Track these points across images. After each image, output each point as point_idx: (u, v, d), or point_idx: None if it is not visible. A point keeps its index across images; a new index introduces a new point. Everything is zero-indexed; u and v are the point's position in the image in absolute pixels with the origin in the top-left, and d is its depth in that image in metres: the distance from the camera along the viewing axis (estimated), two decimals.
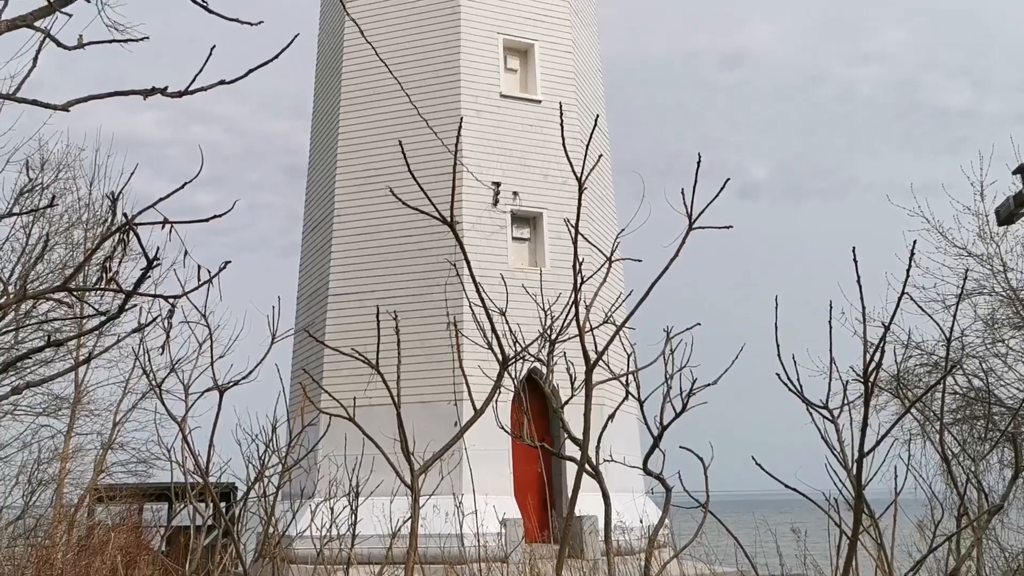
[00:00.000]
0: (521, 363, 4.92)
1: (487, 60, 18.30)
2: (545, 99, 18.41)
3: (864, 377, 3.51)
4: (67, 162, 15.17)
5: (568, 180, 16.89)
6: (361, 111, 18.31)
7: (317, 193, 19.53)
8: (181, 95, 2.54)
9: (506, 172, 17.59)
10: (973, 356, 13.61)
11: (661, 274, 3.99)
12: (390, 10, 18.71)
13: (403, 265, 17.06)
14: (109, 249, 2.42)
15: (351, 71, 18.62)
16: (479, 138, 17.41)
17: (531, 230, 17.90)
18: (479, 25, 18.43)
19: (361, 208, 17.73)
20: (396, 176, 16.15)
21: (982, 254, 13.96)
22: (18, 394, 11.84)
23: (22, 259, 12.58)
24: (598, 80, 21.23)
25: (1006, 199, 7.34)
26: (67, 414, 15.41)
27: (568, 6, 19.51)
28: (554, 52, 18.99)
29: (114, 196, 2.41)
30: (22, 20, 2.42)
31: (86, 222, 15.41)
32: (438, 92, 17.74)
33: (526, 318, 5.22)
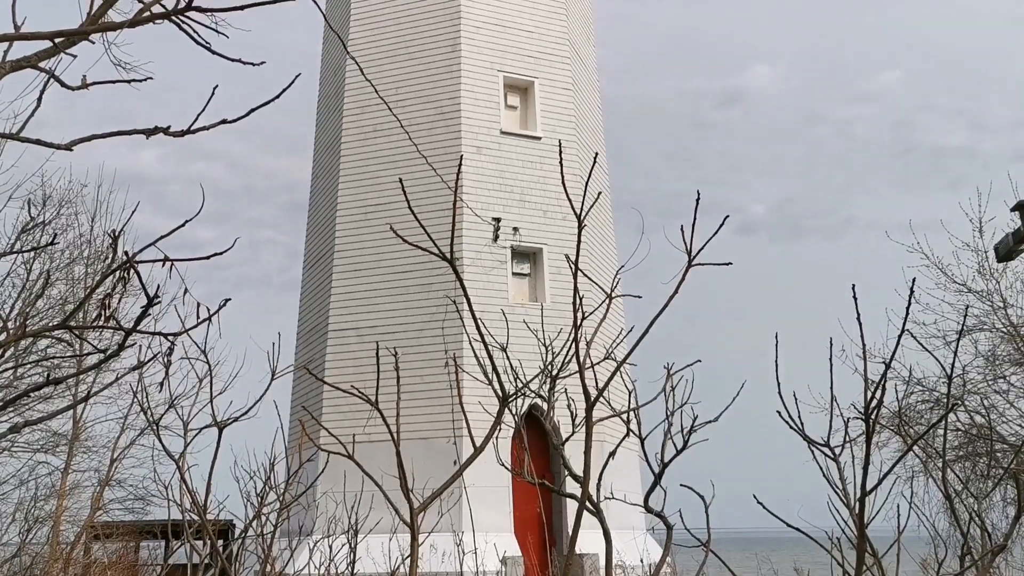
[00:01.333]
0: (522, 399, 4.90)
1: (487, 97, 18.46)
2: (545, 136, 18.54)
3: (865, 415, 3.49)
4: (69, 198, 15.25)
5: (568, 216, 16.96)
6: (362, 148, 18.44)
7: (318, 229, 19.60)
8: (183, 134, 2.56)
9: (506, 208, 17.67)
10: (975, 393, 13.57)
11: (661, 311, 3.98)
12: (391, 48, 18.91)
13: (403, 301, 17.08)
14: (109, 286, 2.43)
15: (352, 108, 18.78)
16: (479, 174, 17.51)
17: (531, 266, 17.94)
18: (479, 62, 18.62)
19: (361, 244, 17.79)
20: (397, 212, 16.24)
21: (982, 290, 13.97)
22: (16, 432, 11.77)
23: (22, 295, 12.59)
24: (597, 118, 21.40)
25: (1005, 236, 7.36)
26: (65, 450, 15.33)
27: (568, 45, 19.71)
28: (554, 90, 19.16)
29: (115, 234, 2.42)
30: (26, 61, 2.44)
31: (87, 258, 15.45)
32: (439, 129, 17.88)
33: (526, 354, 5.21)
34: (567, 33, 19.78)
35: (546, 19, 19.61)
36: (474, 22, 18.84)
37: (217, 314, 2.88)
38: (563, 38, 19.68)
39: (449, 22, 18.82)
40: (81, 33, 2.33)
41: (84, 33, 2.34)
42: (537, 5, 19.61)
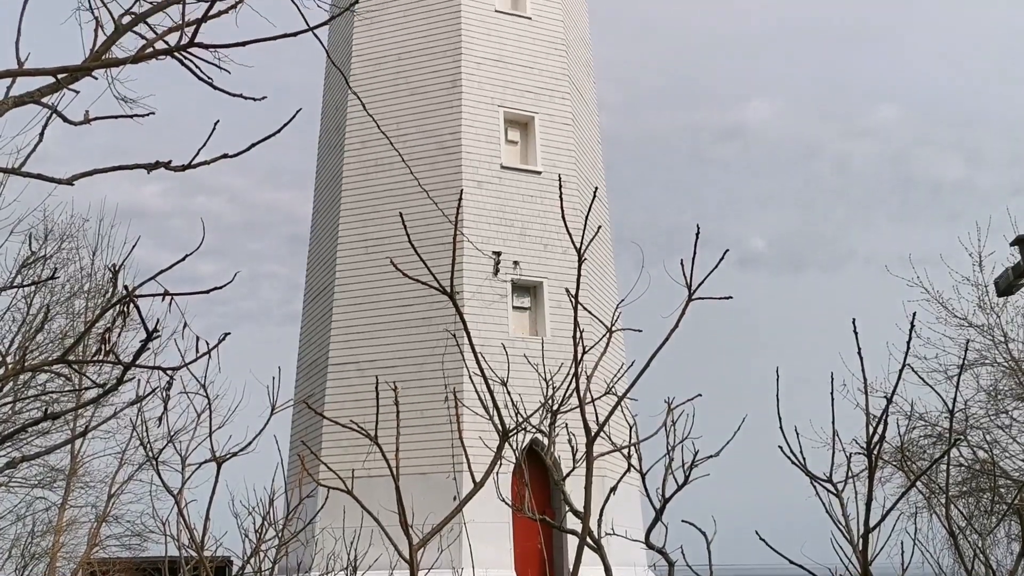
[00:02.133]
0: (522, 434, 4.88)
1: (488, 132, 18.57)
2: (545, 170, 18.63)
3: (868, 450, 3.47)
4: (70, 232, 15.31)
5: (568, 250, 16.98)
6: (363, 182, 18.52)
7: (318, 262, 19.63)
8: (185, 169, 2.57)
9: (507, 242, 17.70)
10: (977, 427, 13.52)
11: (661, 345, 3.97)
12: (392, 83, 19.06)
13: (404, 334, 17.05)
14: (109, 320, 2.43)
15: (353, 143, 18.89)
16: (480, 208, 17.56)
17: (531, 299, 17.94)
18: (480, 98, 18.75)
19: (362, 278, 17.80)
20: (398, 246, 16.26)
21: (983, 324, 13.97)
22: (14, 468, 11.72)
23: (22, 329, 12.57)
24: (597, 152, 21.51)
25: (1005, 270, 7.37)
26: (62, 486, 15.24)
27: (568, 81, 19.86)
28: (554, 125, 19.27)
29: (115, 268, 2.42)
30: (29, 96, 2.45)
31: (87, 292, 15.46)
32: (440, 163, 17.97)
33: (527, 387, 5.19)
34: (567, 69, 19.95)
35: (546, 55, 19.78)
36: (475, 58, 19.01)
37: (216, 348, 2.87)
38: (563, 74, 19.84)
39: (450, 58, 18.99)
40: (84, 69, 2.34)
41: (87, 69, 2.36)
42: (537, 42, 19.79)
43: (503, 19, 19.64)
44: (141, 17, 2.81)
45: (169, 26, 3.14)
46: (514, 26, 19.69)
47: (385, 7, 19.50)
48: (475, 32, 19.22)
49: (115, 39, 2.62)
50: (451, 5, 19.37)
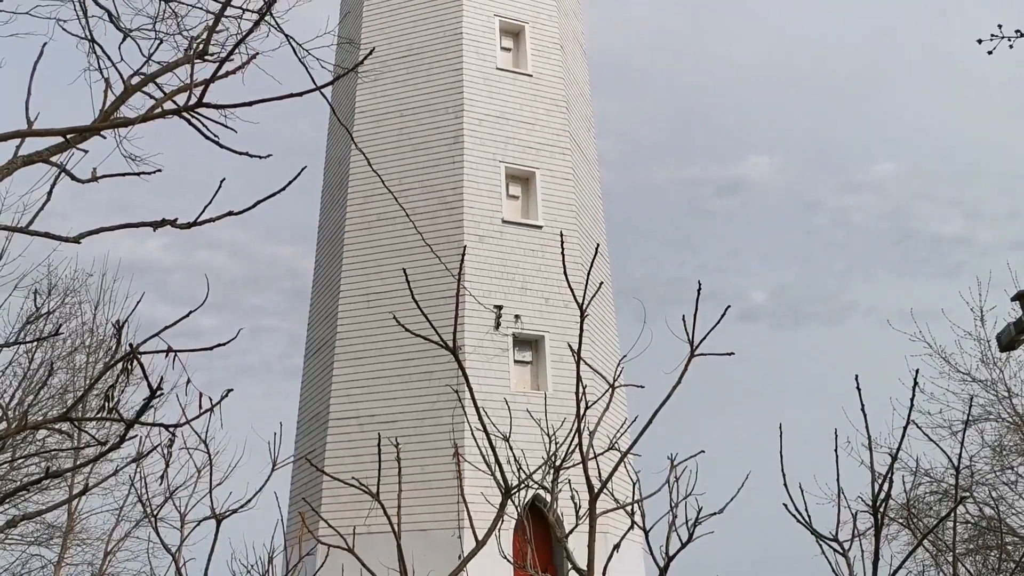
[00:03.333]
0: (525, 490, 4.84)
1: (489, 187, 18.72)
2: (546, 225, 18.74)
3: (873, 508, 3.44)
4: (74, 288, 15.37)
5: (570, 302, 17.01)
6: (365, 236, 18.62)
7: (320, 317, 19.64)
8: (190, 226, 2.59)
9: (508, 296, 17.74)
10: (983, 484, 13.39)
11: (664, 402, 3.96)
12: (395, 139, 19.27)
13: (405, 389, 16.99)
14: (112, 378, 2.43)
15: (356, 198, 19.03)
16: (481, 262, 17.64)
17: (533, 353, 17.91)
18: (482, 154, 18.94)
19: (364, 332, 17.79)
20: (399, 300, 16.30)
21: (986, 380, 13.92)
22: (13, 527, 11.59)
23: (23, 384, 12.54)
24: (598, 206, 21.66)
25: (1007, 325, 7.37)
26: (59, 543, 15.05)
27: (568, 136, 20.08)
28: (555, 180, 19.44)
29: (119, 325, 2.44)
30: (38, 156, 2.49)
31: (89, 346, 15.46)
32: (441, 218, 18.08)
33: (529, 442, 5.17)
34: (567, 125, 20.18)
35: (547, 112, 20.03)
36: (476, 115, 19.24)
37: (219, 404, 2.87)
38: (563, 130, 20.07)
39: (452, 115, 19.23)
40: (93, 129, 2.38)
41: (96, 129, 2.39)
42: (538, 99, 20.06)
43: (504, 77, 19.93)
44: (150, 78, 2.86)
45: (177, 86, 3.19)
46: (515, 83, 19.98)
47: (388, 65, 19.80)
48: (477, 89, 19.49)
49: (124, 99, 2.66)
50: (453, 63, 19.68)
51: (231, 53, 2.88)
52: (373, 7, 20.84)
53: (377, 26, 20.55)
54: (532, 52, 20.46)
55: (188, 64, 3.11)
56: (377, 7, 20.81)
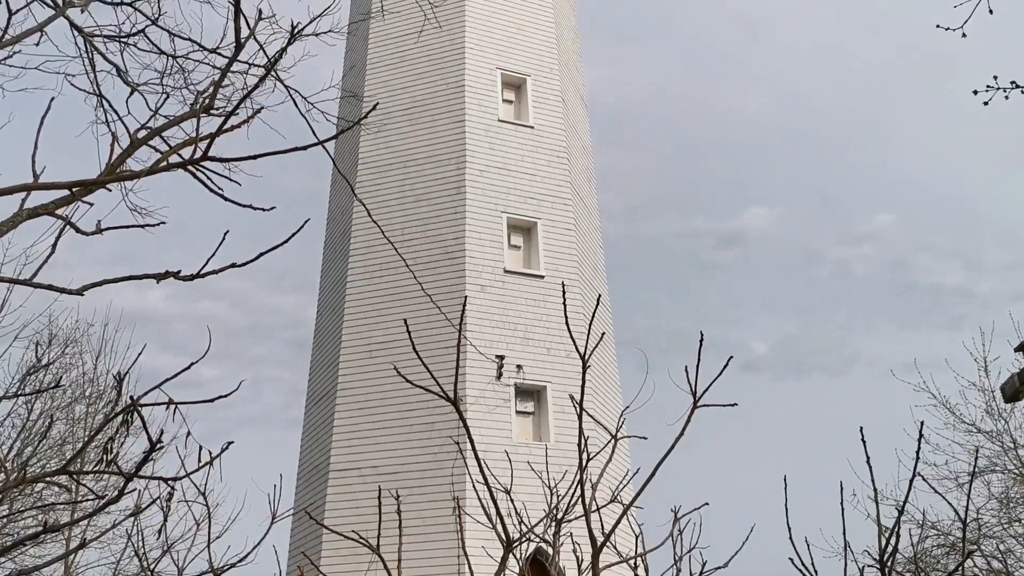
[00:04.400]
0: (526, 544, 4.78)
1: (492, 237, 18.80)
2: (548, 275, 18.78)
3: (881, 562, 3.40)
4: (75, 338, 15.36)
5: (572, 353, 16.97)
6: (367, 286, 18.65)
7: (321, 367, 19.59)
8: (193, 279, 2.60)
9: (510, 346, 17.71)
10: (990, 537, 13.23)
11: (667, 453, 3.93)
12: (397, 190, 19.41)
13: (406, 441, 16.89)
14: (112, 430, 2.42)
15: (358, 248, 19.10)
16: (483, 312, 17.64)
17: (535, 404, 17.82)
18: (484, 204, 19.05)
19: (365, 382, 17.74)
20: (401, 350, 16.27)
21: (991, 431, 13.84)
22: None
23: (22, 435, 12.48)
24: (599, 257, 21.73)
25: (1011, 376, 7.34)
26: None
27: (570, 187, 20.22)
28: (556, 230, 19.53)
29: (120, 377, 2.43)
30: (43, 209, 2.51)
31: (89, 397, 15.41)
32: (443, 268, 18.13)
33: (530, 495, 5.12)
34: (569, 176, 20.33)
35: (548, 163, 20.19)
36: (478, 166, 19.40)
37: (218, 457, 2.85)
38: (565, 181, 20.21)
39: (454, 166, 19.38)
40: (99, 183, 2.40)
41: (102, 182, 2.42)
42: (539, 150, 20.23)
43: (506, 128, 20.14)
44: (156, 131, 2.89)
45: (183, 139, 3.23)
46: (517, 135, 20.17)
47: (391, 117, 20.02)
48: (479, 141, 19.68)
49: (130, 153, 2.69)
50: (455, 115, 19.89)
51: (236, 107, 2.91)
52: (377, 61, 21.14)
53: (380, 79, 20.82)
54: (534, 104, 20.70)
55: (194, 118, 3.15)
56: (381, 61, 21.10)
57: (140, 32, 5.54)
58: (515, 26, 21.42)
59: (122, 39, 5.49)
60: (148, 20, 5.59)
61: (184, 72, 5.77)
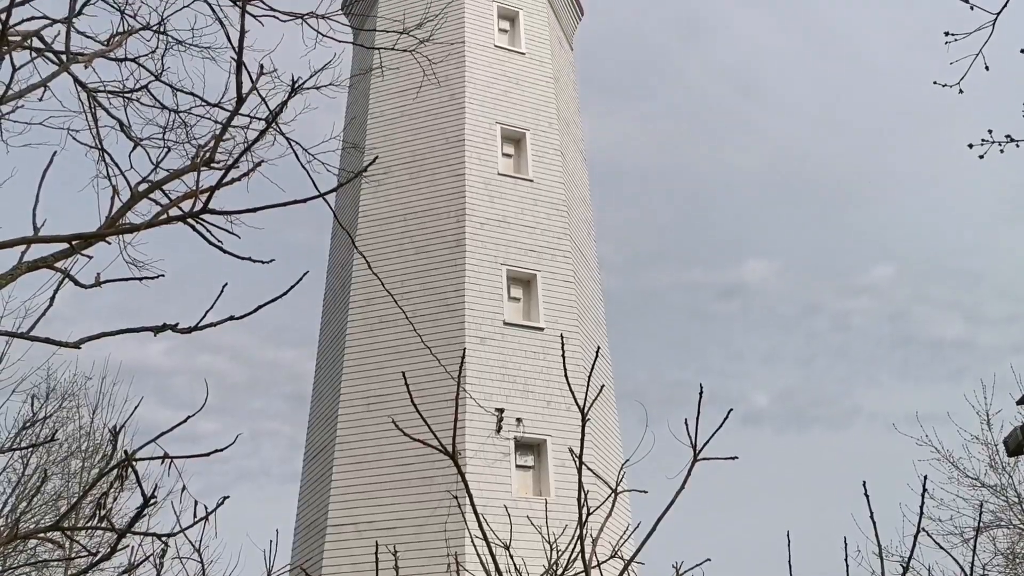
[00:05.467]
0: None
1: (491, 289, 18.82)
2: (548, 327, 18.76)
3: None
4: (72, 391, 15.27)
5: (572, 406, 16.89)
6: (366, 339, 18.62)
7: (320, 421, 19.47)
8: (191, 331, 2.59)
9: (509, 399, 17.62)
10: None
11: (667, 508, 3.89)
12: (397, 243, 19.48)
13: (404, 495, 16.71)
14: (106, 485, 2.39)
15: (358, 301, 19.11)
16: (482, 365, 17.58)
17: (535, 458, 17.67)
18: (483, 256, 19.11)
19: (363, 436, 17.61)
20: (400, 404, 16.19)
21: (995, 485, 13.71)
22: None
23: (16, 490, 12.35)
24: (599, 308, 21.73)
25: (1013, 429, 7.29)
26: None
27: (569, 240, 20.30)
28: (556, 282, 19.56)
29: (115, 431, 2.41)
30: (43, 262, 2.51)
31: (84, 451, 15.27)
32: (443, 320, 18.12)
33: (530, 550, 5.05)
34: (568, 228, 20.42)
35: (547, 216, 20.30)
36: (478, 218, 19.50)
37: (214, 513, 2.81)
38: (564, 233, 20.30)
39: (454, 219, 19.48)
40: (99, 236, 2.41)
41: (102, 236, 2.42)
42: (539, 202, 20.36)
43: (506, 181, 20.29)
44: (157, 185, 2.90)
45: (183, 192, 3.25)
46: (516, 188, 20.32)
47: (392, 170, 20.18)
48: (478, 194, 19.81)
49: (130, 206, 2.70)
50: (455, 168, 20.06)
51: (237, 160, 2.93)
52: (377, 115, 21.38)
53: (381, 132, 21.04)
54: (533, 158, 20.88)
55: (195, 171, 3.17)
56: (381, 115, 21.34)
57: (144, 88, 5.60)
58: (514, 81, 21.71)
59: (126, 94, 5.55)
60: (152, 76, 5.67)
61: (187, 126, 5.82)
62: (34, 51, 4.47)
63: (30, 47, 4.34)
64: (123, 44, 5.38)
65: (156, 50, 5.75)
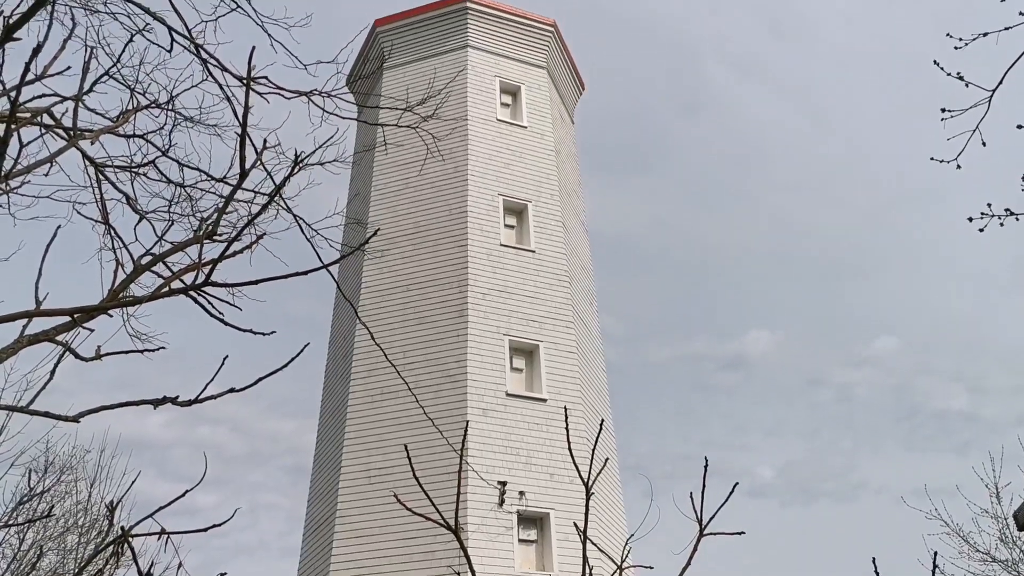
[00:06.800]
0: None
1: (494, 360, 18.75)
2: (551, 398, 18.64)
3: None
4: (70, 465, 15.11)
5: (575, 478, 16.69)
6: (368, 410, 18.49)
7: (320, 493, 19.23)
8: (191, 404, 2.58)
9: (512, 471, 17.41)
10: None
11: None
12: (400, 313, 19.49)
13: (406, 570, 16.40)
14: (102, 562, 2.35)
15: (360, 372, 19.04)
16: (485, 437, 17.42)
17: (538, 531, 17.39)
18: (486, 327, 19.09)
19: (364, 509, 17.37)
20: (401, 476, 16.01)
21: (1006, 559, 13.46)
22: None
23: (11, 566, 12.14)
24: (602, 380, 21.63)
25: (1023, 503, 7.19)
26: None
27: (572, 310, 20.31)
28: (559, 353, 19.50)
29: (112, 506, 2.38)
30: (44, 335, 2.51)
31: (82, 526, 15.05)
32: (445, 391, 18.01)
33: None
34: (570, 299, 20.45)
35: (549, 286, 20.35)
36: (481, 289, 19.55)
37: None
38: (567, 304, 20.32)
39: (456, 289, 19.52)
40: (101, 309, 2.41)
41: (104, 309, 2.43)
42: (541, 273, 20.43)
43: (508, 252, 20.39)
44: (160, 258, 2.92)
45: (186, 264, 3.26)
46: (518, 259, 20.41)
47: (394, 242, 20.31)
48: (481, 265, 19.89)
49: (133, 278, 2.71)
50: (458, 240, 20.18)
51: (240, 233, 2.95)
52: (381, 188, 21.61)
53: (384, 206, 21.24)
54: (535, 229, 21.03)
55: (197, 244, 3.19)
56: (385, 188, 21.57)
57: (151, 163, 5.67)
58: (516, 154, 21.99)
59: (132, 169, 5.62)
60: (159, 151, 5.75)
61: (191, 200, 5.88)
62: (43, 127, 4.54)
63: (40, 123, 4.41)
64: (131, 120, 5.47)
65: (164, 126, 5.84)
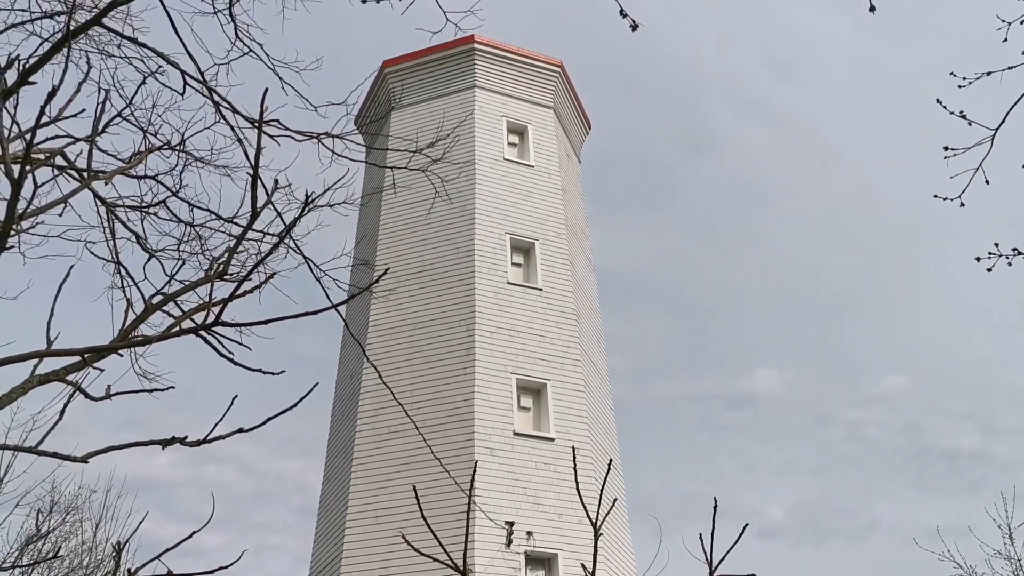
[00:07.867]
0: None
1: (501, 399, 18.68)
2: (558, 437, 18.53)
3: None
4: (76, 505, 15.06)
5: (583, 519, 16.52)
6: (375, 450, 18.40)
7: (326, 534, 19.08)
8: (199, 444, 2.58)
9: (519, 511, 17.27)
10: None
11: None
12: (407, 352, 19.47)
13: None
14: None
15: (367, 411, 18.98)
16: (492, 476, 17.30)
17: (546, 572, 17.20)
18: (493, 366, 19.04)
19: (371, 550, 17.21)
20: (408, 516, 15.89)
21: None
22: None
23: None
24: (610, 418, 21.51)
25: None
26: None
27: (579, 348, 20.26)
28: (566, 391, 19.42)
29: (118, 547, 2.37)
30: (54, 375, 2.52)
31: (87, 567, 14.95)
32: (452, 430, 17.92)
33: None
34: (578, 337, 20.41)
35: (557, 324, 20.33)
36: (488, 327, 19.53)
37: None
38: (574, 342, 20.27)
39: (464, 328, 19.51)
40: (111, 348, 2.42)
41: (114, 348, 2.44)
42: (548, 311, 20.42)
43: (515, 291, 20.40)
44: (170, 297, 2.94)
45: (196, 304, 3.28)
46: (526, 297, 20.41)
47: (402, 281, 20.35)
48: (488, 303, 19.89)
49: (144, 318, 2.73)
50: (465, 279, 20.21)
51: (250, 273, 2.97)
52: (389, 227, 21.70)
53: (392, 247, 21.31)
54: (542, 267, 21.06)
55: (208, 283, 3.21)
56: (392, 227, 21.67)
57: (161, 203, 5.72)
58: (523, 193, 22.09)
59: (143, 209, 5.67)
60: (170, 192, 5.80)
61: (201, 239, 5.92)
62: (57, 168, 4.59)
63: (53, 164, 4.46)
64: (143, 161, 5.53)
65: (175, 167, 5.90)
